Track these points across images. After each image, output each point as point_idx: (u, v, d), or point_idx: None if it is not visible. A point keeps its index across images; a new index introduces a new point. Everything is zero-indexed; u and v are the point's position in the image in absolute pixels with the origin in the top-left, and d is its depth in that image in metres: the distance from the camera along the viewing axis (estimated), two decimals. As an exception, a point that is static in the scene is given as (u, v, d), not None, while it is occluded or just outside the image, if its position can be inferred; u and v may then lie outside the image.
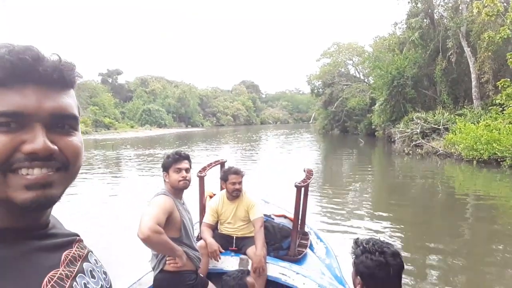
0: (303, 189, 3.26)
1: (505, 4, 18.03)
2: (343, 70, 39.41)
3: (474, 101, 19.78)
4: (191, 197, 2.95)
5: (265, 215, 3.32)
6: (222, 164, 3.85)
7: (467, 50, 19.67)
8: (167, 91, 73.82)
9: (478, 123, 15.50)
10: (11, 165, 0.56)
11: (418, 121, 18.37)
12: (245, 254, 3.08)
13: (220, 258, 2.98)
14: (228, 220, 3.24)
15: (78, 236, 0.72)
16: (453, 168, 14.16)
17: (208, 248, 2.95)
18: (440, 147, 16.34)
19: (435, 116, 19.51)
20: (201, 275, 2.64)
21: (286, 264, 3.01)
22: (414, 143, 17.68)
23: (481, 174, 12.43)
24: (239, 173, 3.18)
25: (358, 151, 22.63)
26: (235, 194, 3.18)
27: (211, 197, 3.61)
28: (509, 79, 15.16)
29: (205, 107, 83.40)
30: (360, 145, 25.76)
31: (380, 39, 32.73)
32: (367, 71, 36.48)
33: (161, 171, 2.51)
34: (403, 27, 26.07)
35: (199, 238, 3.14)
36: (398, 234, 6.45)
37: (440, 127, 17.79)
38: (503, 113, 15.12)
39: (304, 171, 3.63)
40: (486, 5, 15.72)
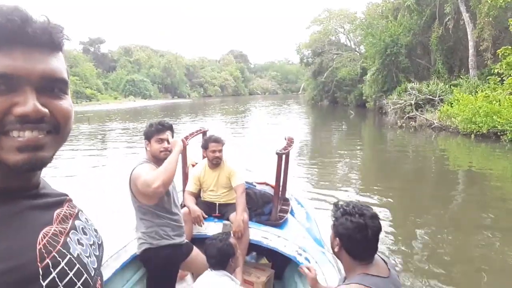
0: (284, 156, 3.27)
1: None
2: (333, 38, 37.85)
3: (471, 70, 18.77)
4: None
5: (247, 182, 3.41)
6: (204, 133, 3.84)
7: (465, 16, 18.46)
8: (152, 61, 71.51)
9: (475, 93, 14.58)
10: (2, 127, 0.56)
11: (412, 92, 17.31)
12: (228, 220, 3.16)
13: (203, 224, 3.05)
14: (210, 187, 3.33)
15: (68, 196, 0.74)
16: (448, 142, 13.33)
17: (192, 214, 3.02)
18: (434, 119, 15.45)
19: (429, 87, 18.55)
20: (186, 240, 2.64)
21: (268, 228, 3.11)
22: (407, 115, 16.70)
23: (479, 149, 11.62)
24: (219, 141, 3.23)
25: (348, 124, 21.68)
26: (215, 162, 3.23)
27: (193, 166, 3.63)
28: (510, 47, 14.13)
29: (192, 77, 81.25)
30: (350, 117, 24.76)
31: (373, 5, 31.09)
32: (358, 39, 35.07)
33: (143, 138, 2.48)
34: (398, -8, 24.60)
35: (182, 205, 3.17)
36: (385, 207, 6.18)
37: (435, 98, 16.82)
38: (502, 83, 14.19)
39: (285, 139, 3.65)
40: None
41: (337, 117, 26.24)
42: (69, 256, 0.62)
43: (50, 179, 0.74)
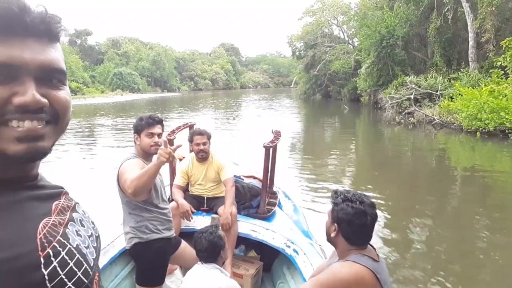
0: (271, 149, 3.30)
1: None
2: (326, 30, 36.76)
3: (470, 63, 17.88)
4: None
5: (235, 176, 3.38)
6: (191, 127, 3.84)
7: (465, 6, 17.52)
8: (141, 54, 69.71)
9: (477, 88, 13.69)
10: (2, 116, 0.56)
11: (411, 86, 16.34)
12: (216, 213, 3.13)
13: (192, 218, 3.02)
14: (198, 181, 3.31)
15: (64, 188, 0.74)
16: (451, 139, 12.44)
17: (180, 209, 2.99)
18: (434, 115, 14.55)
19: (427, 80, 17.66)
20: (174, 234, 2.62)
21: (256, 221, 3.14)
22: (406, 110, 15.75)
23: (485, 147, 10.74)
24: (203, 133, 3.21)
25: (342, 119, 20.73)
26: (200, 156, 3.22)
27: (180, 160, 3.59)
28: (515, 38, 13.24)
29: (182, 70, 79.68)
30: (344, 112, 23.80)
31: (367, -5, 30.09)
32: (352, 31, 34.09)
33: (132, 132, 2.43)
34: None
35: (170, 200, 3.21)
36: (379, 207, 5.74)
37: (437, 93, 15.89)
38: (506, 77, 13.32)
39: (272, 132, 3.69)
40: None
41: (330, 112, 25.26)
42: (69, 246, 0.62)
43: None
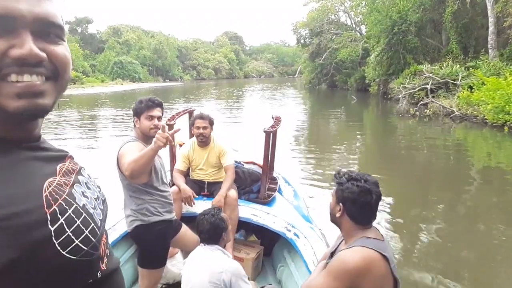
0: (271, 135, 3.31)
1: None
2: (333, 17, 35.20)
3: (490, 51, 16.52)
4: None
5: (235, 161, 3.40)
6: (191, 113, 3.83)
7: (486, -12, 16.14)
8: (142, 42, 68.27)
9: (502, 77, 12.41)
10: (0, 70, 0.55)
11: (429, 75, 15.01)
12: None
13: (194, 203, 3.04)
14: (200, 166, 3.31)
15: (69, 153, 0.73)
16: (472, 134, 11.25)
17: (182, 194, 3.02)
18: (452, 106, 13.29)
19: (442, 69, 16.34)
20: (175, 217, 2.63)
21: (257, 206, 3.18)
22: (421, 102, 14.46)
23: (512, 144, 9.58)
24: (205, 118, 3.19)
25: (349, 111, 19.45)
26: (200, 139, 3.21)
27: (180, 145, 3.62)
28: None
29: (184, 59, 78.18)
30: (352, 102, 22.49)
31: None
32: (359, 18, 32.52)
33: (132, 115, 2.43)
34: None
35: (171, 184, 3.24)
36: (385, 201, 5.30)
37: (456, 82, 14.55)
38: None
39: (273, 118, 3.66)
40: None
41: (337, 102, 23.98)
42: (75, 205, 0.62)
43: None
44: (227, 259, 2.18)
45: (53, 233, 0.56)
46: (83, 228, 0.61)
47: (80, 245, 0.59)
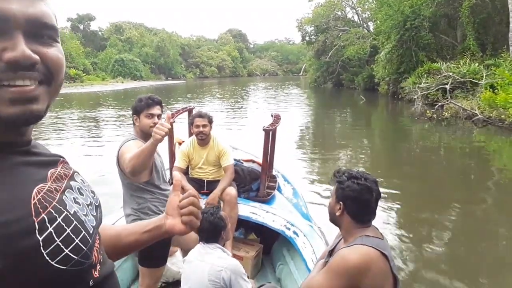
0: (271, 133, 3.34)
1: None
2: (339, 13, 33.93)
3: (511, 48, 15.30)
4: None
5: (234, 159, 3.44)
6: (190, 111, 3.85)
7: (507, -21, 14.89)
8: (144, 40, 67.35)
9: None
10: None
11: (449, 73, 13.76)
12: None
13: None
14: (199, 165, 3.34)
15: (62, 157, 0.71)
16: (498, 140, 10.08)
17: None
18: (473, 109, 12.08)
19: (458, 68, 15.14)
20: None
21: (256, 204, 3.20)
22: (439, 103, 13.24)
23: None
24: (204, 116, 3.20)
25: (358, 112, 18.24)
26: (200, 137, 3.22)
27: (179, 144, 3.67)
28: None
29: (187, 57, 77.20)
30: (360, 103, 21.25)
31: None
32: (367, 14, 31.25)
33: (131, 114, 2.43)
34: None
35: (171, 182, 3.19)
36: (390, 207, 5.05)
37: (478, 82, 13.29)
38: None
39: (272, 116, 3.72)
40: None
41: (343, 103, 22.77)
42: (65, 212, 0.60)
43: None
44: (226, 257, 2.21)
45: (41, 242, 0.53)
46: (73, 237, 0.58)
47: (70, 254, 0.57)
